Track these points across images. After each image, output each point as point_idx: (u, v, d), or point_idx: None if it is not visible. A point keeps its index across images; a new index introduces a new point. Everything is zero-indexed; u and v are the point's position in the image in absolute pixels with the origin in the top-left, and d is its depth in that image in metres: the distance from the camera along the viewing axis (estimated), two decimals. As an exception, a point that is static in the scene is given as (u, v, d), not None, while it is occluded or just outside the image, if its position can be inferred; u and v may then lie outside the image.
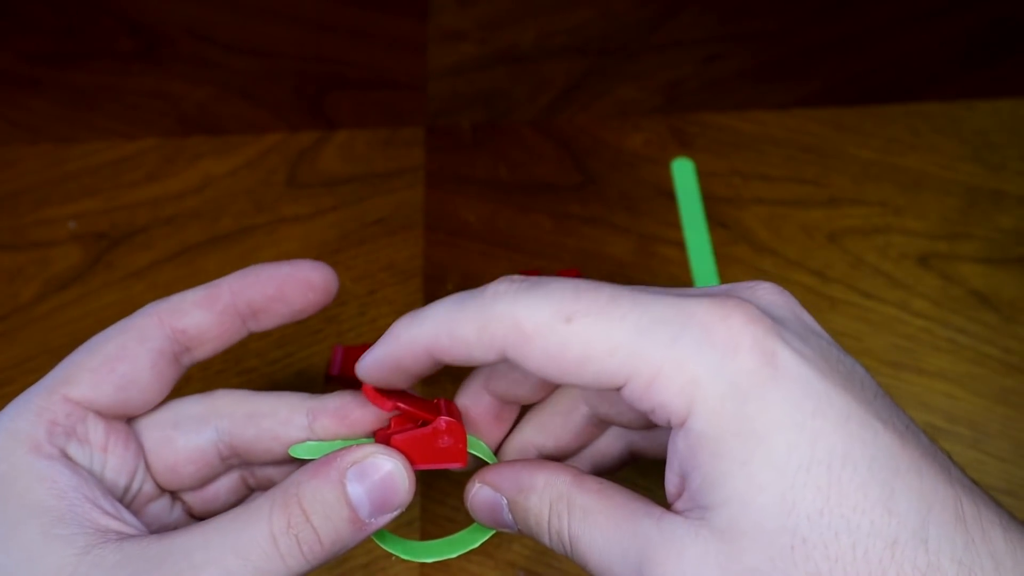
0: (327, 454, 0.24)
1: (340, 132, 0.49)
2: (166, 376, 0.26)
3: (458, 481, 0.38)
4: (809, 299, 0.43)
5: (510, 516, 0.24)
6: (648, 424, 0.26)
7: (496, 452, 0.28)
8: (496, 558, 0.37)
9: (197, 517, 0.28)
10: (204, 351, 0.27)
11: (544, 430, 0.27)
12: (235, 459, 0.27)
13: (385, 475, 0.23)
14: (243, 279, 0.26)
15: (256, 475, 0.29)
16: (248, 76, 0.51)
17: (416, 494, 0.38)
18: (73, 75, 0.52)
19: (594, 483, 0.23)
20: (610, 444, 0.28)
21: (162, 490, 0.27)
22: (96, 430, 0.25)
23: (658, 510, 0.22)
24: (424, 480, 0.39)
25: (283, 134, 0.49)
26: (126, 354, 0.25)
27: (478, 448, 0.27)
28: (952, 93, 0.49)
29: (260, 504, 0.23)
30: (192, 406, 0.27)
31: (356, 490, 0.23)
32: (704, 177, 0.47)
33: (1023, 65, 0.50)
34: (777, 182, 0.47)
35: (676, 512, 0.21)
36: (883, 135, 0.48)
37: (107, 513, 0.23)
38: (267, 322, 0.27)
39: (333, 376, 0.40)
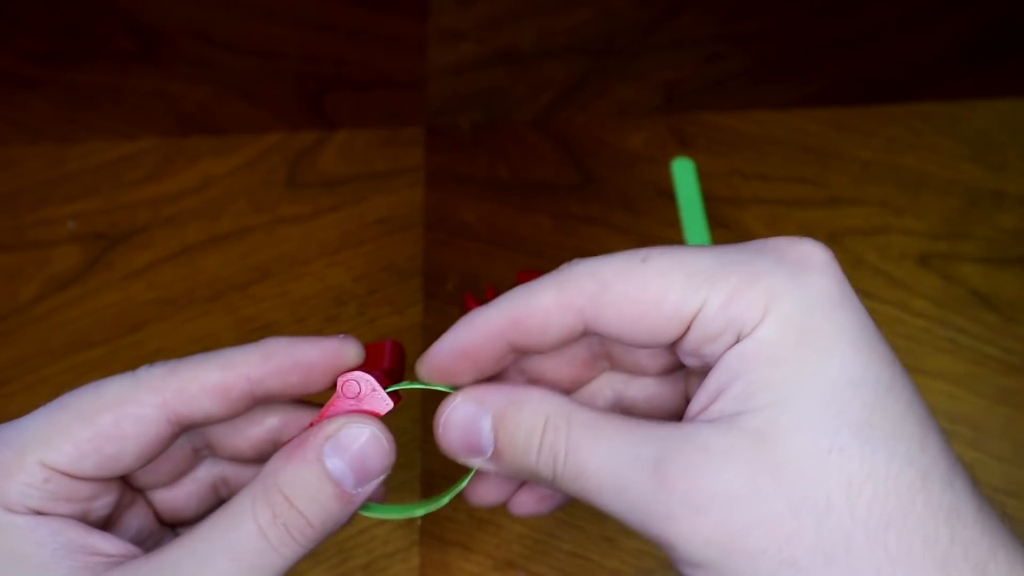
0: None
1: (340, 132, 0.49)
2: (157, 451, 0.24)
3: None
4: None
5: (489, 436, 0.23)
6: (662, 367, 0.25)
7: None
8: (496, 558, 0.37)
9: (163, 522, 0.28)
10: (205, 425, 0.26)
11: (546, 356, 0.25)
12: (206, 450, 0.27)
13: (364, 443, 0.23)
14: (264, 366, 0.24)
15: (227, 477, 0.28)
16: (248, 76, 0.51)
17: (416, 495, 0.38)
18: (73, 75, 0.52)
19: (590, 408, 0.22)
20: (600, 391, 0.27)
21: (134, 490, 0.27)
22: (74, 485, 0.23)
23: (673, 421, 0.21)
24: (424, 480, 0.39)
25: (283, 134, 0.49)
26: (118, 434, 0.23)
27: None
28: (952, 93, 0.49)
29: (241, 502, 0.22)
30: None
31: (336, 464, 0.22)
32: (704, 177, 0.47)
33: (1023, 65, 0.50)
34: (777, 182, 0.47)
35: (696, 421, 0.21)
36: (883, 135, 0.48)
37: (92, 548, 0.23)
38: (280, 401, 0.25)
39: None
